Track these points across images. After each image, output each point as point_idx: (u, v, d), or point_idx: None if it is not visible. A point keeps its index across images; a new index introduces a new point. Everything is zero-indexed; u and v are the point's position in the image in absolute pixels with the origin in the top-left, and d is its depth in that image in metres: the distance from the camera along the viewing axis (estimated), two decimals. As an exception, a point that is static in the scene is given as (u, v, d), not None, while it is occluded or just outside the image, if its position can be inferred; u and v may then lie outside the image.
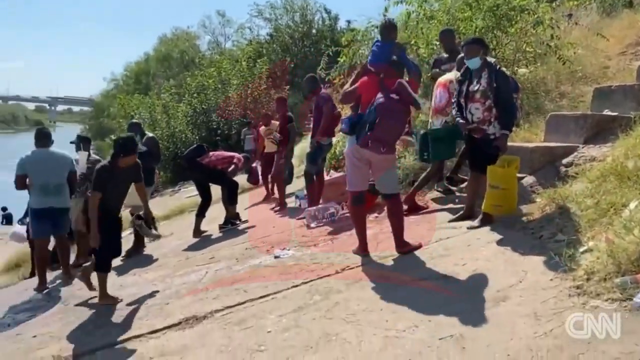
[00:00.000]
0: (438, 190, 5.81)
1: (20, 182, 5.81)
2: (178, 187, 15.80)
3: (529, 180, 5.02)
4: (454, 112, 4.78)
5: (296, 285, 4.14)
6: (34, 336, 4.40)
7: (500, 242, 4.03)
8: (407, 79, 4.55)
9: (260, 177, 9.43)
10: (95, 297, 4.97)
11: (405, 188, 5.94)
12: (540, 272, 3.34)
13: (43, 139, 5.95)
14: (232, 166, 7.24)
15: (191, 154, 7.35)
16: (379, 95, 4.16)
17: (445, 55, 5.89)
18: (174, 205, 11.61)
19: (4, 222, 16.84)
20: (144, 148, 6.64)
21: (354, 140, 4.28)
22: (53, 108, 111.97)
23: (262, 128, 9.26)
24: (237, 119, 16.95)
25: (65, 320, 4.66)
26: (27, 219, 7.31)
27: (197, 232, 7.17)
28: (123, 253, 6.93)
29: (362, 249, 4.45)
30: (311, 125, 7.13)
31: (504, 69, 4.90)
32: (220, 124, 17.67)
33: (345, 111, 7.35)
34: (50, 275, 6.27)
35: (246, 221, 7.27)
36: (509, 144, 5.17)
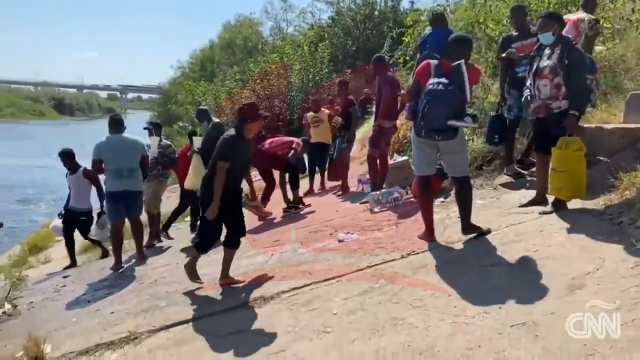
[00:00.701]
0: (508, 174, 5.61)
1: (96, 167, 6.13)
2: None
3: (606, 163, 4.75)
4: (525, 90, 4.58)
5: (361, 269, 4.14)
6: (112, 312, 4.66)
7: (575, 228, 3.84)
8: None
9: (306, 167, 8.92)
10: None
11: (472, 172, 5.79)
12: (619, 260, 3.17)
13: (116, 125, 6.25)
14: (292, 151, 7.31)
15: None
16: (429, 82, 4.05)
17: (515, 33, 5.64)
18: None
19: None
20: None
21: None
22: (124, 96, 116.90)
23: (310, 114, 8.69)
24: (299, 104, 17.07)
25: (140, 298, 4.90)
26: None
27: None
28: (192, 236, 7.23)
29: (429, 234, 4.38)
30: (374, 109, 7.07)
31: (579, 47, 4.63)
32: (283, 109, 17.86)
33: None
34: (125, 256, 6.59)
35: (309, 205, 7.33)
36: (585, 125, 4.93)
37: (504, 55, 5.30)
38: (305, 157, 8.77)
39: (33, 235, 12.28)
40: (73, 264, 7.61)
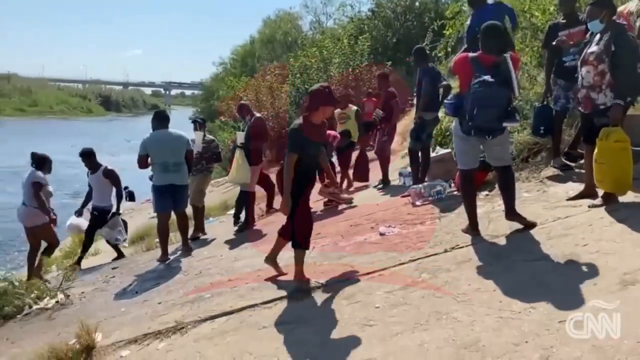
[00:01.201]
0: (555, 167, 5.45)
1: (142, 161, 6.28)
2: (281, 165, 16.24)
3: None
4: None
5: (403, 263, 4.12)
6: (159, 303, 4.79)
7: (626, 222, 3.71)
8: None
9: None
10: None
11: (518, 164, 5.66)
12: (675, 255, 3.05)
13: (162, 121, 6.40)
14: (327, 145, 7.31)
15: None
16: (474, 81, 3.89)
17: (563, 20, 5.46)
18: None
19: (127, 199, 18.28)
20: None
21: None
22: (167, 92, 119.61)
23: (337, 111, 8.16)
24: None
25: (186, 289, 5.01)
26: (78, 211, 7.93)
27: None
28: (235, 228, 7.35)
29: (473, 228, 4.31)
30: (414, 101, 7.00)
31: (632, 34, 4.44)
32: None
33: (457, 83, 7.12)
34: (171, 248, 6.76)
35: (351, 200, 7.32)
36: (636, 113, 4.74)
37: (554, 43, 5.15)
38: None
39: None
40: (79, 260, 7.67)
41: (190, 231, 7.17)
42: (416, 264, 4.02)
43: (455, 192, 5.83)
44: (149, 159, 6.27)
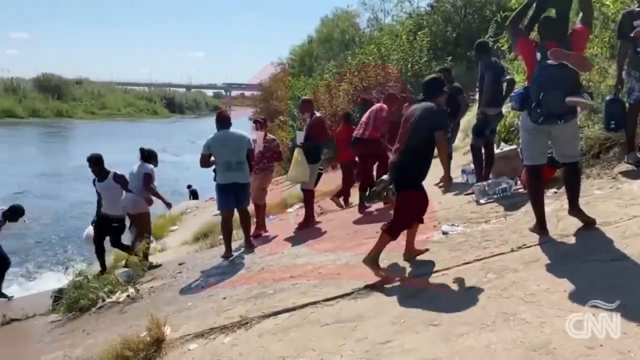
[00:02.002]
0: (629, 163, 5.17)
1: (204, 160, 6.49)
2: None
3: None
4: None
5: (468, 262, 4.03)
6: (224, 298, 4.91)
7: None
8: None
9: None
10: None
11: (588, 160, 5.41)
12: None
13: (224, 121, 6.57)
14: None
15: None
16: (537, 67, 3.83)
17: (638, 8, 5.16)
18: (338, 181, 11.97)
19: (191, 197, 18.89)
20: None
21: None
22: (228, 94, 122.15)
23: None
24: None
25: (249, 285, 5.12)
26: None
27: (362, 207, 7.34)
28: (295, 226, 7.44)
29: (540, 227, 4.15)
30: (477, 96, 6.82)
31: None
32: (381, 101, 17.71)
33: (521, 77, 6.88)
34: (234, 245, 6.93)
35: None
36: None
37: (632, 35, 4.86)
38: None
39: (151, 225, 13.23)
40: (103, 270, 7.58)
41: (252, 228, 7.30)
42: (481, 264, 3.93)
43: (520, 190, 5.64)
44: (212, 158, 6.45)
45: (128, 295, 5.99)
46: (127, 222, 7.69)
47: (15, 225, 8.40)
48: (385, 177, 5.35)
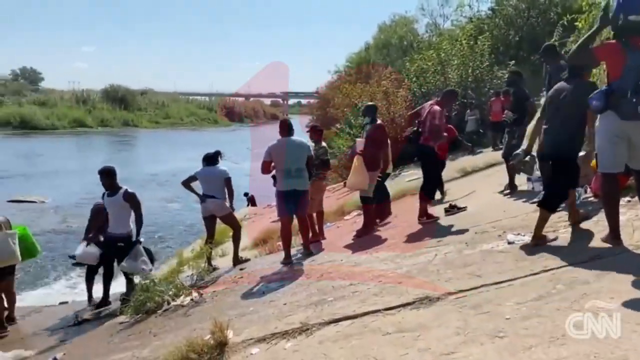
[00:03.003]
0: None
1: (265, 167, 6.61)
2: (398, 170, 16.09)
3: None
4: None
5: (535, 273, 3.88)
6: (284, 303, 4.95)
7: None
8: None
9: None
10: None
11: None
12: None
13: (286, 129, 6.68)
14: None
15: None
16: (629, 59, 3.62)
17: None
18: (397, 187, 11.89)
19: (249, 204, 19.23)
20: None
21: (609, 115, 3.79)
22: (285, 102, 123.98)
23: None
24: (457, 100, 16.52)
25: (309, 291, 5.13)
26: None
27: (426, 215, 7.21)
28: (354, 233, 7.42)
29: (614, 237, 3.95)
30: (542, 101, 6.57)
31: None
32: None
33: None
34: (293, 251, 6.99)
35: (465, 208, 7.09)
36: None
37: None
38: None
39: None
40: (209, 261, 7.82)
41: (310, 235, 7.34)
42: (550, 275, 3.77)
43: (591, 198, 5.39)
44: (272, 165, 6.56)
45: (192, 299, 6.15)
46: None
47: None
48: (519, 150, 5.40)
